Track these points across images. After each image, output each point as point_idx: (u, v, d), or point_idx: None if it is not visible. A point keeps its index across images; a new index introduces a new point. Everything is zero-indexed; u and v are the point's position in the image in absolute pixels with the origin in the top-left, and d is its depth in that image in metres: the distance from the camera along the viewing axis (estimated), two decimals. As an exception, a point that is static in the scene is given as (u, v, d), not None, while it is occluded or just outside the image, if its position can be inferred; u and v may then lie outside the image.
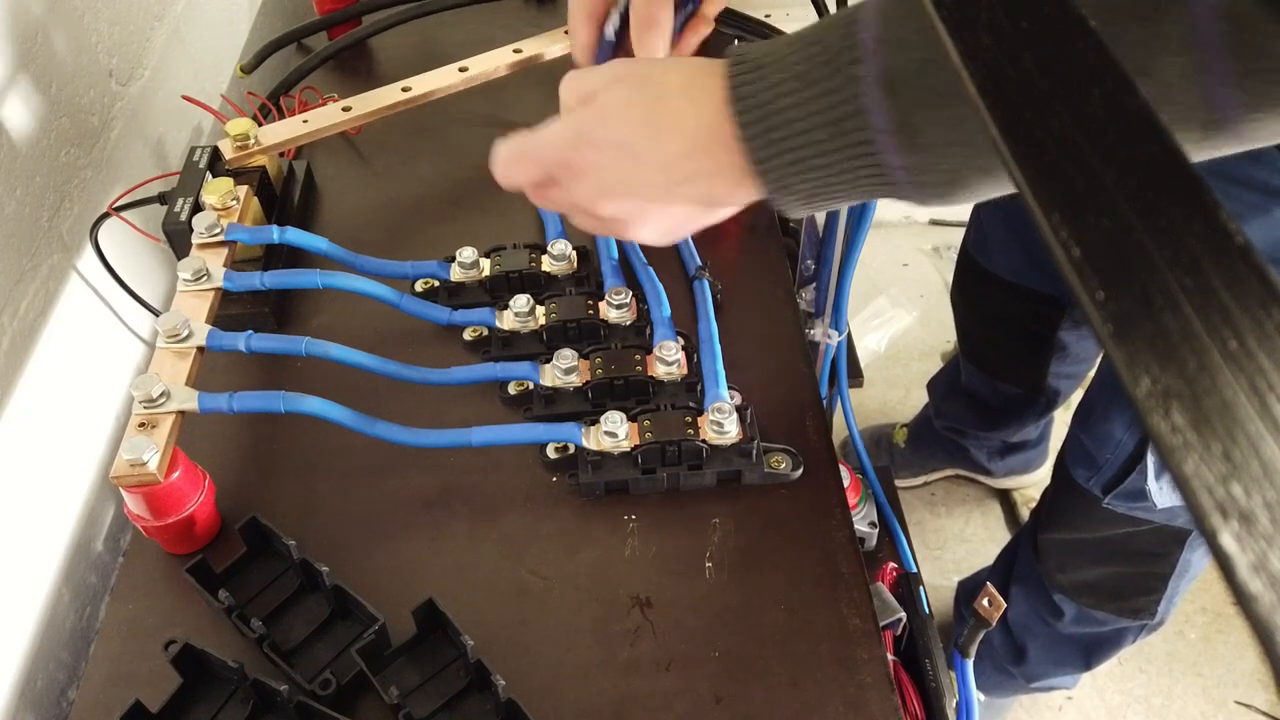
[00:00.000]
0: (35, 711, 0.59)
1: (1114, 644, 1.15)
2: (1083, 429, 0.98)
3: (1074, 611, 1.12)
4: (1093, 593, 1.09)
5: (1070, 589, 1.10)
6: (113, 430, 0.71)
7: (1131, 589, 1.05)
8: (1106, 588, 1.07)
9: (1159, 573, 1.01)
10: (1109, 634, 1.14)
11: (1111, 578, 1.05)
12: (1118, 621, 1.10)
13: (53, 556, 0.63)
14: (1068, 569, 1.09)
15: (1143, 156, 0.24)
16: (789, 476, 0.59)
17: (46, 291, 0.65)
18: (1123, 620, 1.09)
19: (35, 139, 0.64)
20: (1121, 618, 1.09)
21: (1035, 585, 1.16)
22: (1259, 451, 0.19)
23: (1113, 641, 1.15)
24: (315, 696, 0.50)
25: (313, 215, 0.81)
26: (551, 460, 0.60)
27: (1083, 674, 1.25)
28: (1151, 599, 1.04)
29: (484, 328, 0.68)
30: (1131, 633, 1.12)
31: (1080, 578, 1.08)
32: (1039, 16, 0.27)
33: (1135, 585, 1.04)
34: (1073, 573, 1.09)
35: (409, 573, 0.57)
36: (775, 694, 0.50)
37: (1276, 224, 0.72)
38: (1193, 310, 0.21)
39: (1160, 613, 1.06)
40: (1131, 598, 1.06)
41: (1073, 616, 1.13)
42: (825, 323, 0.92)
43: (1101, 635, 1.14)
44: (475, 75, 0.81)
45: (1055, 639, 1.18)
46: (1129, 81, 0.25)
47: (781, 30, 0.84)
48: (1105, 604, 1.09)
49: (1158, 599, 1.04)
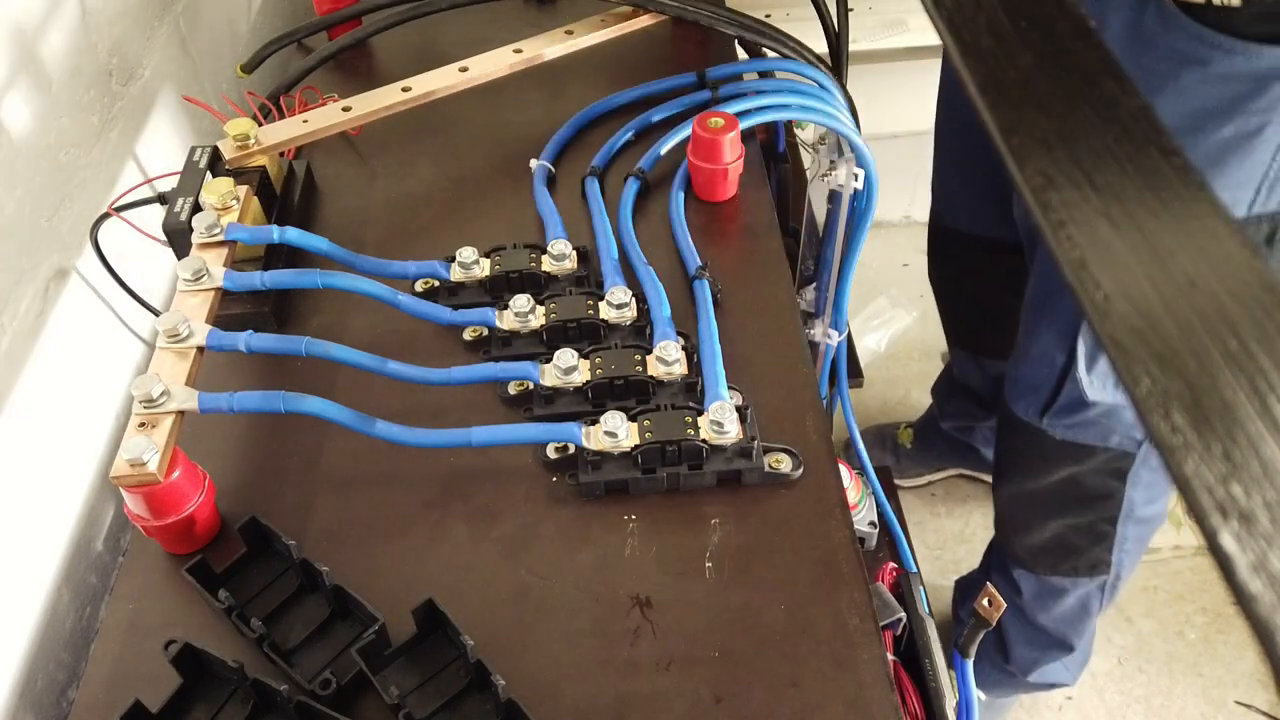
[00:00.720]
0: (35, 711, 0.59)
1: (1083, 615, 1.17)
2: (1016, 358, 1.01)
3: (1033, 586, 1.15)
4: (1047, 555, 1.11)
5: (1026, 557, 1.13)
6: (113, 430, 0.71)
7: (1083, 541, 1.08)
8: (1060, 547, 1.10)
9: (1106, 516, 1.04)
10: (1074, 605, 1.16)
11: (1064, 534, 1.08)
12: (1076, 585, 1.12)
13: (53, 556, 0.63)
14: (1021, 529, 1.12)
15: (1143, 156, 0.24)
16: (789, 476, 0.59)
17: (46, 291, 0.65)
18: (1080, 581, 1.12)
19: (35, 139, 0.64)
20: (1079, 578, 1.11)
21: (1000, 566, 1.20)
22: (1259, 451, 0.19)
23: (1081, 612, 1.17)
24: (315, 696, 0.50)
25: (313, 215, 0.81)
26: (551, 460, 0.60)
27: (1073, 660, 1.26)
28: (1103, 548, 1.07)
29: (484, 328, 0.68)
30: (1095, 596, 1.14)
31: (1034, 539, 1.11)
32: (1039, 16, 0.27)
33: (1085, 535, 1.07)
34: (1026, 534, 1.11)
35: (409, 573, 0.57)
36: (775, 694, 0.50)
37: (1186, 92, 0.73)
38: (1192, 310, 0.21)
39: (1115, 565, 1.09)
40: (1084, 552, 1.09)
41: (1032, 591, 1.16)
42: (825, 323, 0.92)
43: (1067, 608, 1.16)
44: (475, 75, 0.81)
45: (1026, 623, 1.21)
46: (1129, 81, 0.25)
47: (781, 30, 0.84)
48: (1061, 565, 1.11)
49: (1109, 547, 1.07)
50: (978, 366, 1.40)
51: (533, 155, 0.82)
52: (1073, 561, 1.11)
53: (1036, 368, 0.98)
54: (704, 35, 0.95)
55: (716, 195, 0.78)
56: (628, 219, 0.75)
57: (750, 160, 0.79)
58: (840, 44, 0.97)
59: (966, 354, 1.41)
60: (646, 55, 0.94)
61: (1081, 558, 1.10)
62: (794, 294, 0.72)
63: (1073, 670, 1.28)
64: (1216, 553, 0.18)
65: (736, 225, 0.77)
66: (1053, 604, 1.17)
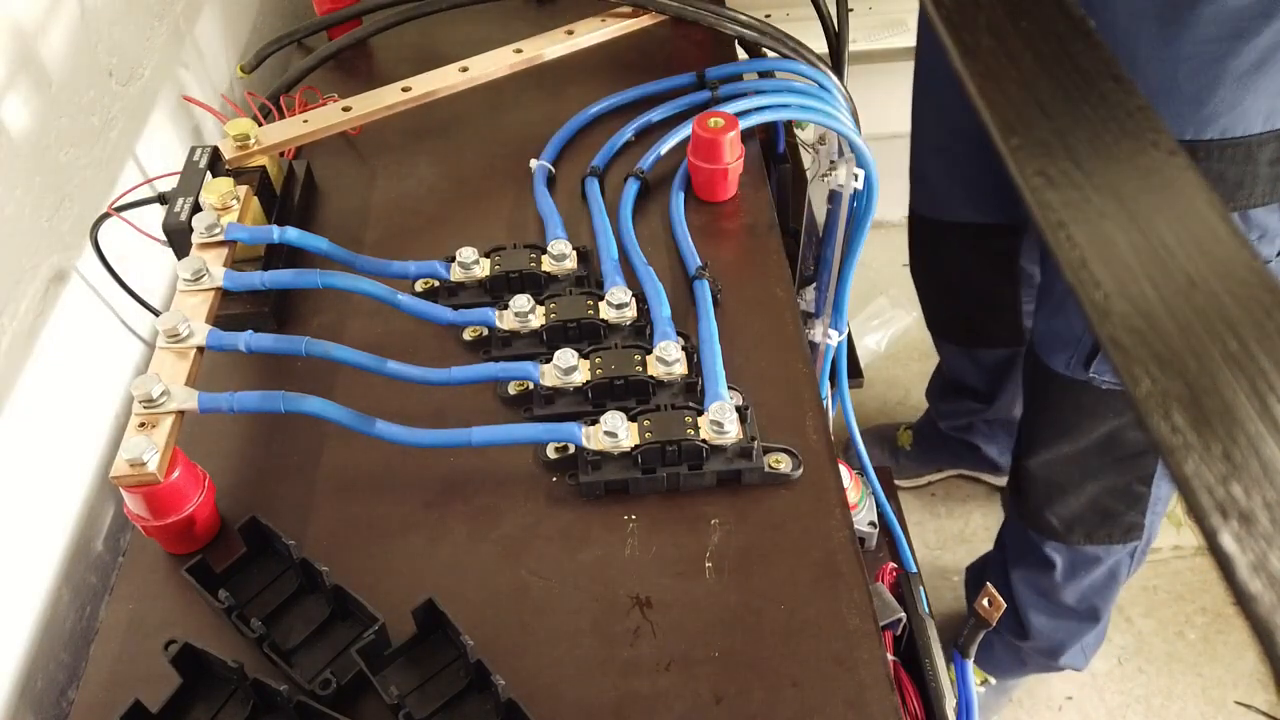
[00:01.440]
0: (35, 711, 0.59)
1: (1113, 581, 1.17)
2: (1050, 313, 1.00)
3: (1067, 559, 1.14)
4: (1082, 523, 1.11)
5: (1061, 527, 1.12)
6: (113, 430, 0.71)
7: (1119, 505, 1.07)
8: (1096, 513, 1.09)
9: (1142, 475, 1.04)
10: (1104, 573, 1.15)
11: (1100, 498, 1.08)
12: (1110, 553, 1.12)
13: (53, 556, 0.63)
14: (1056, 497, 1.10)
15: (1143, 157, 0.24)
16: (789, 476, 0.59)
17: (46, 291, 0.65)
18: (1114, 548, 1.11)
19: (35, 139, 0.64)
20: (1113, 545, 1.11)
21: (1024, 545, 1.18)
22: (1259, 452, 0.19)
23: (1110, 580, 1.16)
24: (315, 696, 0.50)
25: (313, 215, 0.81)
26: (551, 460, 0.60)
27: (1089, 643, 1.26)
28: (1137, 511, 1.07)
29: (484, 328, 0.68)
30: (1125, 563, 1.14)
31: (1070, 507, 1.10)
32: (1039, 16, 0.27)
33: (1122, 498, 1.07)
34: (1061, 501, 1.10)
35: (409, 573, 0.57)
36: (775, 694, 0.50)
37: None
38: (1192, 311, 0.21)
39: (1147, 527, 1.09)
40: (1121, 515, 1.08)
41: (1065, 564, 1.15)
42: (825, 323, 0.92)
43: (1098, 577, 1.16)
44: (475, 75, 0.81)
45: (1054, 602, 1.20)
46: (1129, 81, 0.25)
47: (781, 30, 0.84)
48: (1097, 532, 1.11)
49: (1142, 510, 1.07)
50: (970, 359, 1.40)
51: (533, 155, 0.82)
52: (1108, 528, 1.10)
53: (1071, 322, 0.96)
54: (704, 35, 0.95)
55: (716, 195, 0.78)
56: (628, 219, 0.75)
57: (750, 160, 0.79)
58: (840, 44, 0.97)
59: (957, 349, 1.41)
60: (646, 55, 0.94)
61: (1117, 522, 1.09)
62: (794, 294, 0.72)
63: (1087, 653, 1.28)
64: (1216, 553, 0.19)
65: (736, 225, 0.77)
66: (1084, 575, 1.16)
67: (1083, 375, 0.99)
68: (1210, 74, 0.74)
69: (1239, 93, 0.75)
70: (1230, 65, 0.74)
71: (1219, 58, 0.73)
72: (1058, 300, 1.00)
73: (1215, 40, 0.72)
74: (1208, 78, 0.75)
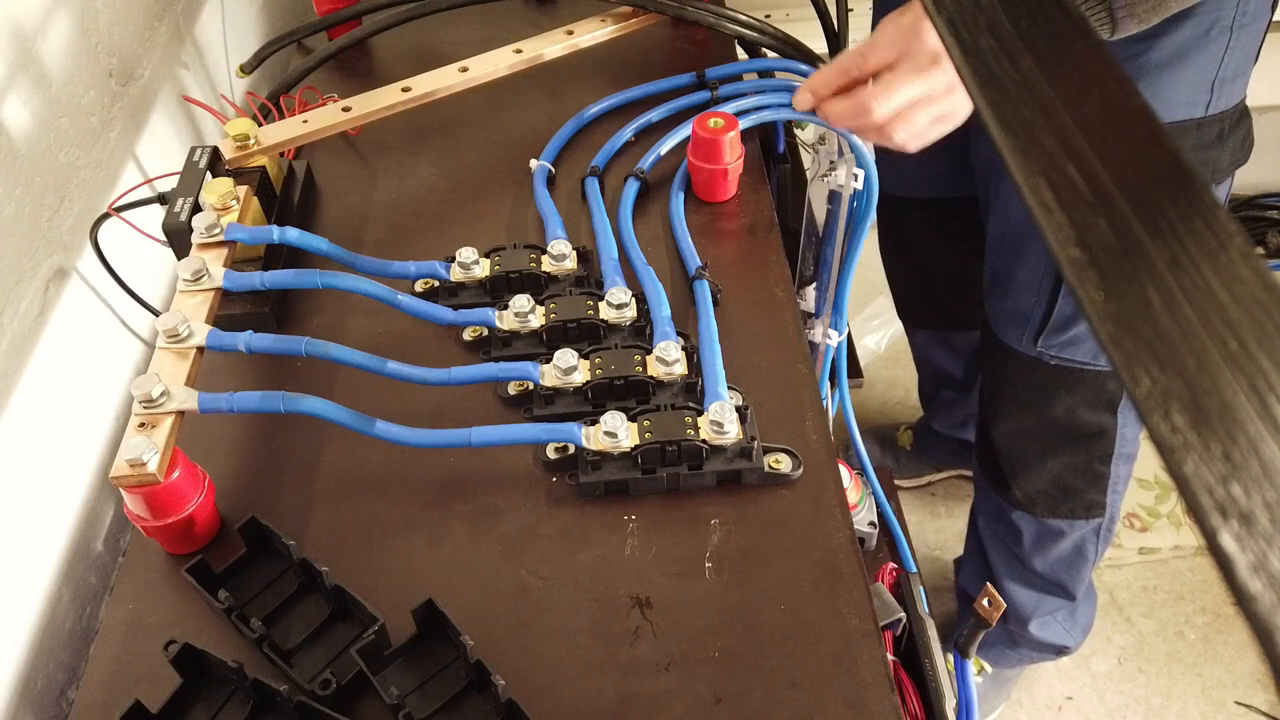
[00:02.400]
0: (35, 711, 0.59)
1: (1080, 559, 1.20)
2: (1000, 290, 1.02)
3: (1033, 528, 1.18)
4: (1047, 496, 1.14)
5: (1024, 499, 1.15)
6: (113, 430, 0.71)
7: (1080, 482, 1.11)
8: (1058, 488, 1.13)
9: (1100, 454, 1.08)
10: (1071, 547, 1.19)
11: (1061, 474, 1.11)
12: (1074, 527, 1.16)
13: (52, 556, 0.63)
14: (1020, 470, 1.14)
15: (1142, 156, 0.24)
16: (789, 476, 0.59)
17: (46, 291, 0.65)
18: (1077, 524, 1.15)
19: (35, 139, 0.64)
20: (1075, 519, 1.15)
21: (995, 511, 1.21)
22: (1259, 452, 0.19)
23: (1078, 556, 1.20)
24: (315, 696, 0.50)
25: (313, 215, 0.81)
26: (551, 460, 0.60)
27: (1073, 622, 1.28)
28: (1099, 490, 1.11)
29: (484, 328, 0.68)
30: (1090, 540, 1.18)
31: (1033, 480, 1.14)
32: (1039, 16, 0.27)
33: (1082, 476, 1.10)
34: (1025, 475, 1.14)
35: (409, 573, 0.57)
36: (775, 694, 0.50)
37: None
38: (1192, 310, 0.21)
39: (1109, 506, 1.13)
40: (1081, 492, 1.12)
41: (1033, 535, 1.18)
42: (825, 323, 0.92)
43: (1065, 552, 1.19)
44: (475, 75, 0.81)
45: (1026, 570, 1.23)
46: (1128, 82, 0.25)
47: (780, 30, 0.84)
48: (1059, 507, 1.14)
49: (1103, 489, 1.11)
50: (944, 344, 1.41)
51: (533, 155, 0.82)
52: (1070, 503, 1.14)
53: (1024, 294, 0.99)
54: (704, 35, 0.95)
55: (716, 195, 0.78)
56: (628, 219, 0.75)
57: (750, 160, 0.79)
58: (840, 43, 0.97)
59: (931, 335, 1.42)
60: (646, 55, 0.94)
61: (1079, 499, 1.13)
62: (794, 294, 0.72)
63: (1074, 633, 1.29)
64: (1216, 553, 0.18)
65: (736, 225, 0.77)
66: (1051, 547, 1.19)
67: (1034, 350, 1.01)
68: (1132, 67, 0.80)
69: (1159, 83, 0.80)
70: (1150, 59, 0.79)
71: (1138, 53, 0.79)
72: (1004, 280, 1.02)
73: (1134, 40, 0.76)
74: (1131, 69, 0.80)
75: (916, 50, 0.65)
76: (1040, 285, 0.97)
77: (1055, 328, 0.98)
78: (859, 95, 0.67)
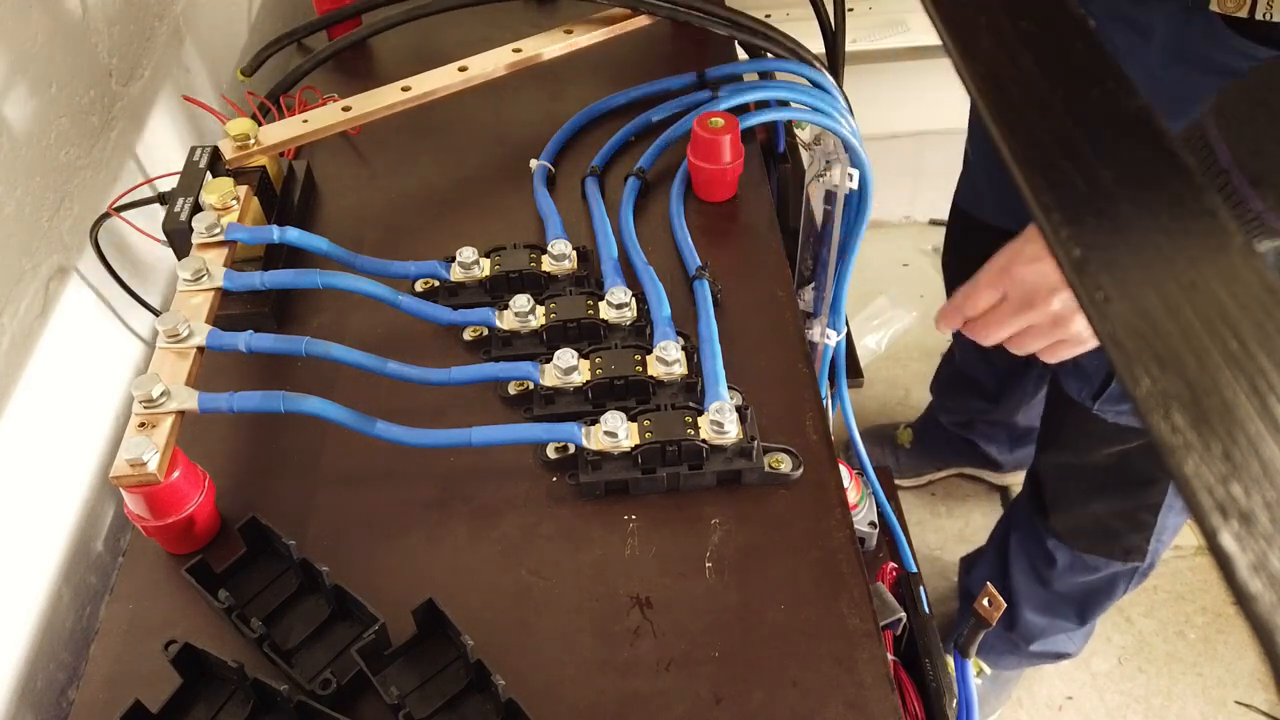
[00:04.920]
0: (35, 711, 0.59)
1: (1107, 594, 1.18)
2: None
3: (1067, 559, 1.15)
4: (1086, 535, 1.12)
5: (1065, 531, 1.13)
6: (113, 430, 0.71)
7: (1123, 526, 1.08)
8: (1100, 528, 1.10)
9: (1150, 503, 1.05)
10: (1101, 582, 1.16)
11: (1104, 515, 1.09)
12: (1110, 566, 1.13)
13: (53, 556, 0.63)
14: (1062, 502, 1.12)
15: (1142, 157, 0.24)
16: (789, 476, 0.59)
17: (46, 291, 0.65)
18: (1114, 564, 1.12)
19: (35, 139, 0.64)
20: (1114, 560, 1.12)
21: (1030, 533, 1.19)
22: (1259, 451, 0.19)
23: (1105, 591, 1.17)
24: (315, 696, 0.50)
25: (313, 215, 0.81)
26: (551, 460, 0.60)
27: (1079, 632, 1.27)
28: (1142, 537, 1.08)
29: (484, 328, 0.68)
30: (1123, 579, 1.15)
31: (1075, 517, 1.11)
32: (1039, 16, 0.27)
33: (1127, 521, 1.08)
34: (1067, 509, 1.12)
35: (409, 573, 0.57)
36: (775, 694, 0.50)
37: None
38: (1192, 311, 0.21)
39: (1150, 553, 1.09)
40: (1124, 536, 1.09)
41: (1066, 564, 1.16)
42: (824, 322, 0.92)
43: (1094, 584, 1.17)
44: (475, 75, 0.81)
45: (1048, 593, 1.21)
46: (1128, 81, 0.25)
47: (778, 30, 0.84)
48: (1098, 546, 1.12)
49: (1148, 536, 1.07)
50: (984, 356, 1.40)
51: (533, 155, 0.82)
52: (1110, 545, 1.11)
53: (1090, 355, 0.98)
54: (704, 35, 0.95)
55: (716, 195, 0.78)
56: (628, 219, 0.75)
57: (750, 160, 0.79)
58: (837, 43, 0.97)
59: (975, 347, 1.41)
60: (646, 55, 0.94)
61: (1119, 542, 1.10)
62: (794, 294, 0.72)
63: (1076, 640, 1.28)
64: (1216, 553, 0.19)
65: (736, 225, 0.77)
66: (1082, 578, 1.17)
67: (1090, 407, 1.00)
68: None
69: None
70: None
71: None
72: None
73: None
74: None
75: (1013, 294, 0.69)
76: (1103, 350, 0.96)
77: (1114, 396, 0.97)
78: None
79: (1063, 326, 0.68)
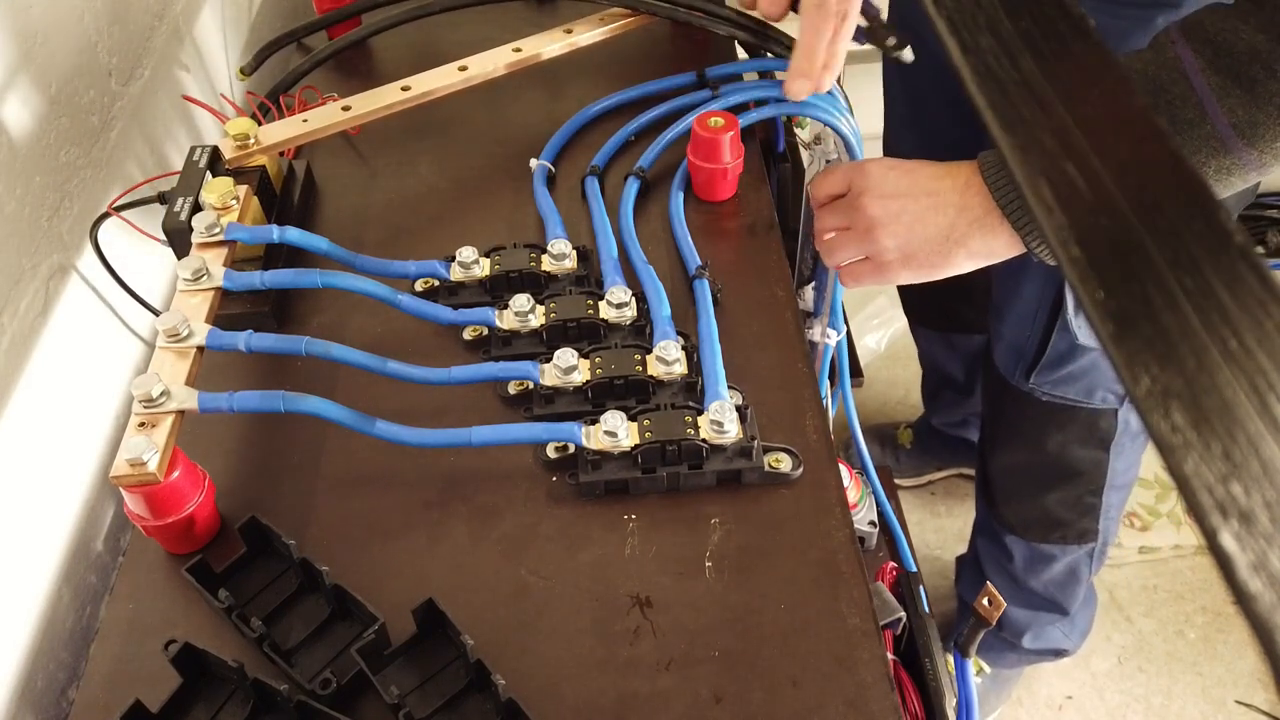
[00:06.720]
0: (35, 711, 0.59)
1: (1074, 578, 1.20)
2: (999, 319, 1.03)
3: (1025, 551, 1.19)
4: (1037, 526, 1.15)
5: (1017, 524, 1.16)
6: (113, 430, 0.71)
7: (1070, 514, 1.12)
8: (1048, 519, 1.14)
9: (1092, 488, 1.08)
10: (1063, 570, 1.19)
11: (1051, 505, 1.12)
12: (1065, 551, 1.16)
13: (53, 556, 0.63)
14: (1012, 499, 1.15)
15: (1142, 156, 0.24)
16: (789, 476, 0.59)
17: (46, 291, 0.65)
18: (1070, 549, 1.16)
19: (35, 139, 0.64)
20: (1069, 545, 1.15)
21: (989, 530, 1.23)
22: (1259, 451, 0.19)
23: (1072, 575, 1.20)
24: (315, 696, 0.50)
25: (313, 215, 0.81)
26: (551, 460, 0.60)
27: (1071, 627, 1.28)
28: (1091, 519, 1.11)
29: (484, 327, 0.68)
30: (1084, 561, 1.18)
31: (1023, 510, 1.15)
32: (1039, 16, 0.27)
33: (1073, 508, 1.11)
34: (1016, 505, 1.15)
35: (409, 573, 0.57)
36: (775, 694, 0.50)
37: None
38: (1192, 310, 0.21)
39: (1102, 532, 1.13)
40: (1073, 522, 1.13)
41: (1025, 557, 1.19)
42: (824, 322, 0.92)
43: (1057, 573, 1.20)
44: (475, 75, 0.81)
45: (1020, 588, 1.23)
46: (1128, 81, 0.25)
47: (781, 30, 0.84)
48: (1050, 535, 1.15)
49: (1095, 518, 1.11)
50: (947, 345, 1.41)
51: (533, 155, 0.82)
52: (1061, 531, 1.14)
53: (1020, 325, 1.00)
54: (704, 35, 0.95)
55: (716, 195, 0.78)
56: (628, 218, 0.75)
57: (750, 160, 0.79)
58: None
59: (934, 334, 1.42)
60: (646, 55, 0.94)
61: (1070, 528, 1.14)
62: (794, 294, 0.72)
63: (1072, 637, 1.29)
64: (1216, 552, 0.19)
65: (736, 225, 0.77)
66: (1043, 569, 1.20)
67: (1026, 386, 1.02)
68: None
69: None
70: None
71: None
72: (1003, 307, 1.02)
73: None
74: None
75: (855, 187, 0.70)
76: (1034, 320, 0.98)
77: (1048, 364, 0.99)
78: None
79: (871, 238, 0.68)
